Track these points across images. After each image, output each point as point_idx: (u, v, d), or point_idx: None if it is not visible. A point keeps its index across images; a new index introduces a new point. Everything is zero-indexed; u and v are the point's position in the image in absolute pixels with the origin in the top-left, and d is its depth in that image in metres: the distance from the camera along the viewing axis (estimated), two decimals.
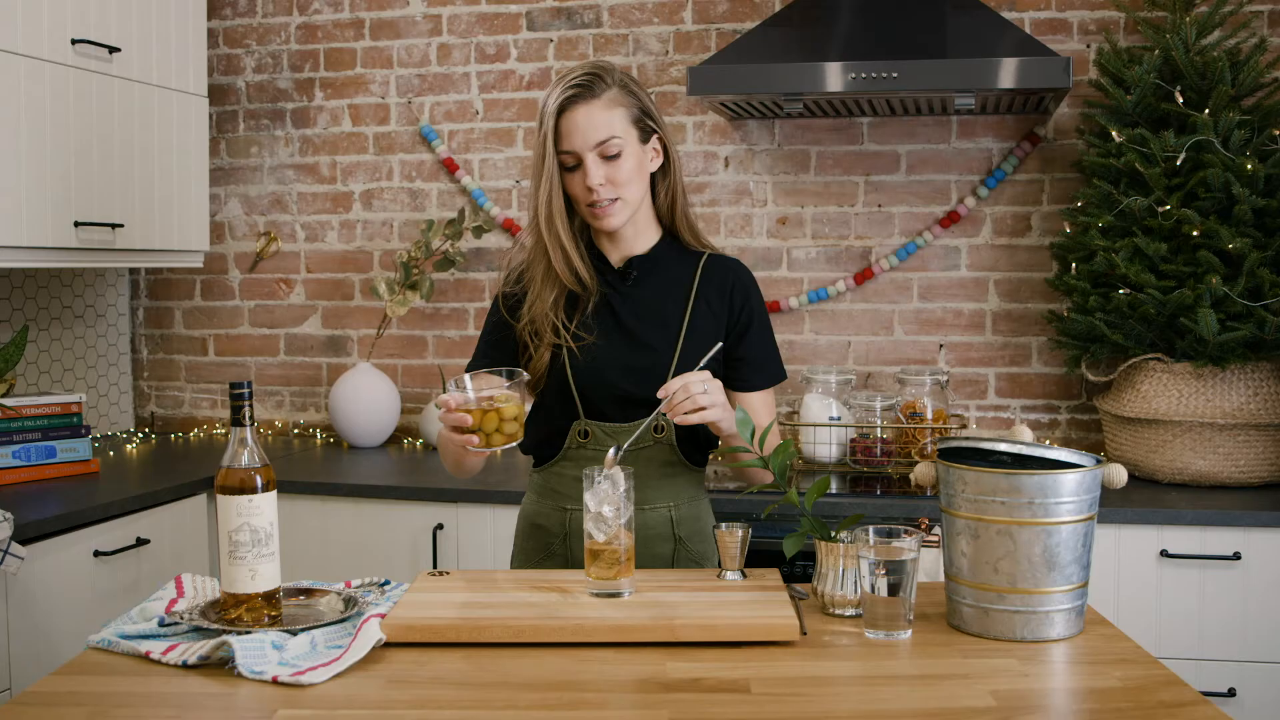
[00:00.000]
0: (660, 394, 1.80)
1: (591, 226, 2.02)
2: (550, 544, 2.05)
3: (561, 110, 1.91)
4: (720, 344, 1.94)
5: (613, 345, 1.99)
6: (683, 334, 2.00)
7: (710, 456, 2.11)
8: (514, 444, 1.79)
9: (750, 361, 2.04)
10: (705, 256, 2.06)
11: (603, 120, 1.91)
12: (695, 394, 1.79)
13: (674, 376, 1.94)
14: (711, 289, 2.03)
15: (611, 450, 1.80)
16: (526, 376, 1.78)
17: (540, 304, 1.98)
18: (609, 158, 1.92)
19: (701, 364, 1.88)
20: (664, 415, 1.86)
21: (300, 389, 3.78)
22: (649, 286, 2.02)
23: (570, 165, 1.93)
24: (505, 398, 1.75)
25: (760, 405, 2.05)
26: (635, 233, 2.03)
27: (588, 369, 1.98)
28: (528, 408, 2.03)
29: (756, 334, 2.05)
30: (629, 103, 1.94)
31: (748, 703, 1.39)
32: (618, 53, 3.49)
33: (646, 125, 1.97)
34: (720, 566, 1.85)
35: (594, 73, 1.93)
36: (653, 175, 2.02)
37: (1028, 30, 3.24)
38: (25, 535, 2.40)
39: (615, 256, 2.04)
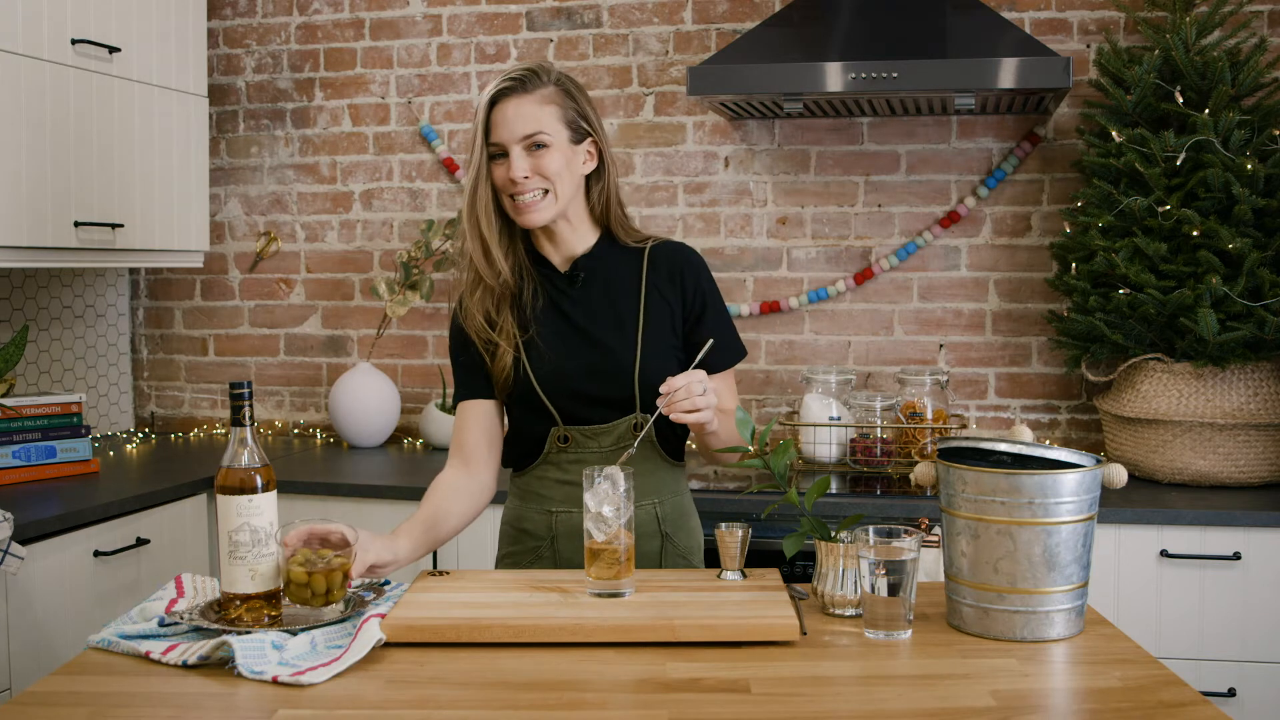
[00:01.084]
0: (663, 389, 1.81)
1: (530, 231, 2.02)
2: (538, 548, 2.05)
3: (494, 103, 1.94)
4: (712, 341, 1.94)
5: (572, 349, 1.99)
6: (640, 330, 1.99)
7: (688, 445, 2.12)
8: (299, 606, 1.65)
9: (714, 343, 2.03)
10: (649, 247, 2.06)
11: (531, 114, 1.92)
12: (695, 395, 1.80)
13: (639, 373, 1.96)
14: (660, 278, 2.03)
15: (627, 453, 1.86)
16: (349, 554, 1.70)
17: (478, 302, 2.00)
18: (534, 152, 1.93)
19: (695, 362, 1.89)
20: (646, 415, 1.87)
21: (300, 389, 3.78)
22: (598, 286, 2.02)
23: (497, 158, 1.95)
24: (301, 558, 1.65)
25: (723, 387, 2.04)
26: (572, 232, 2.03)
27: (552, 375, 1.98)
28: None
29: (712, 315, 2.05)
30: (563, 103, 1.95)
31: (748, 703, 1.39)
32: (618, 53, 3.49)
33: (580, 127, 1.97)
34: (718, 565, 1.85)
35: (531, 69, 1.95)
36: (588, 178, 2.02)
37: (1028, 30, 3.24)
38: (25, 535, 2.40)
39: (558, 259, 2.04)
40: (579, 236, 2.04)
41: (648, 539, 2.02)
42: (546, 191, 1.94)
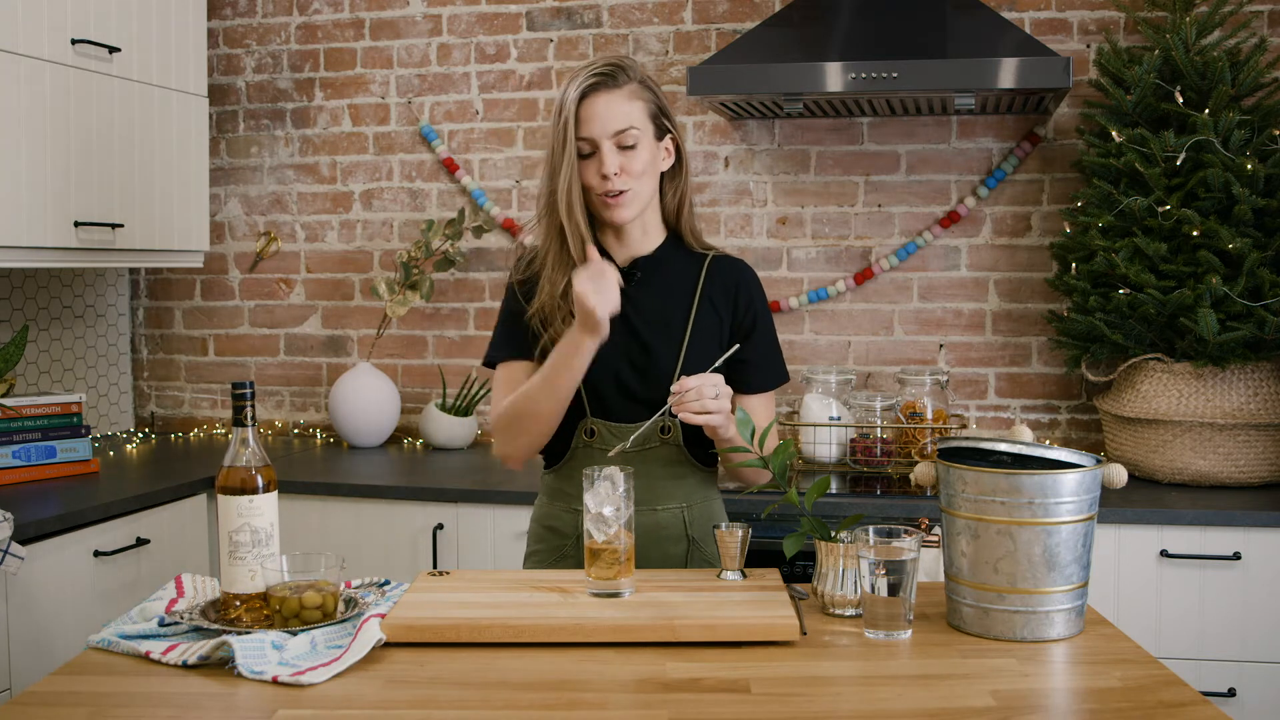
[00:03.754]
0: (674, 388, 1.81)
1: (596, 227, 2.02)
2: (563, 546, 2.05)
3: (583, 97, 1.92)
4: (737, 345, 1.94)
5: (619, 344, 1.98)
6: (687, 337, 2.00)
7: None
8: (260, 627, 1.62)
9: (754, 364, 2.04)
10: (710, 258, 2.07)
11: (622, 110, 1.92)
12: (706, 396, 1.80)
13: (678, 379, 1.94)
14: (716, 290, 2.04)
15: (618, 447, 1.84)
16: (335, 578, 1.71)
17: (551, 290, 1.97)
18: (625, 148, 1.92)
19: (717, 364, 1.89)
20: (670, 414, 1.87)
21: (300, 389, 3.78)
22: (653, 288, 2.02)
23: (586, 154, 1.94)
24: (291, 587, 1.64)
25: (761, 407, 2.05)
26: (643, 232, 2.03)
27: (597, 368, 1.97)
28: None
29: (760, 336, 2.06)
30: (648, 98, 1.96)
31: (748, 703, 1.39)
32: (617, 53, 3.49)
33: (662, 123, 1.98)
34: (720, 566, 1.85)
35: (617, 64, 1.95)
36: (662, 175, 2.02)
37: (1028, 30, 3.24)
38: (25, 535, 2.40)
39: (621, 257, 2.04)
40: (647, 237, 2.04)
41: (673, 543, 2.02)
42: (634, 188, 1.94)
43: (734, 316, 2.04)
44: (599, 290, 1.82)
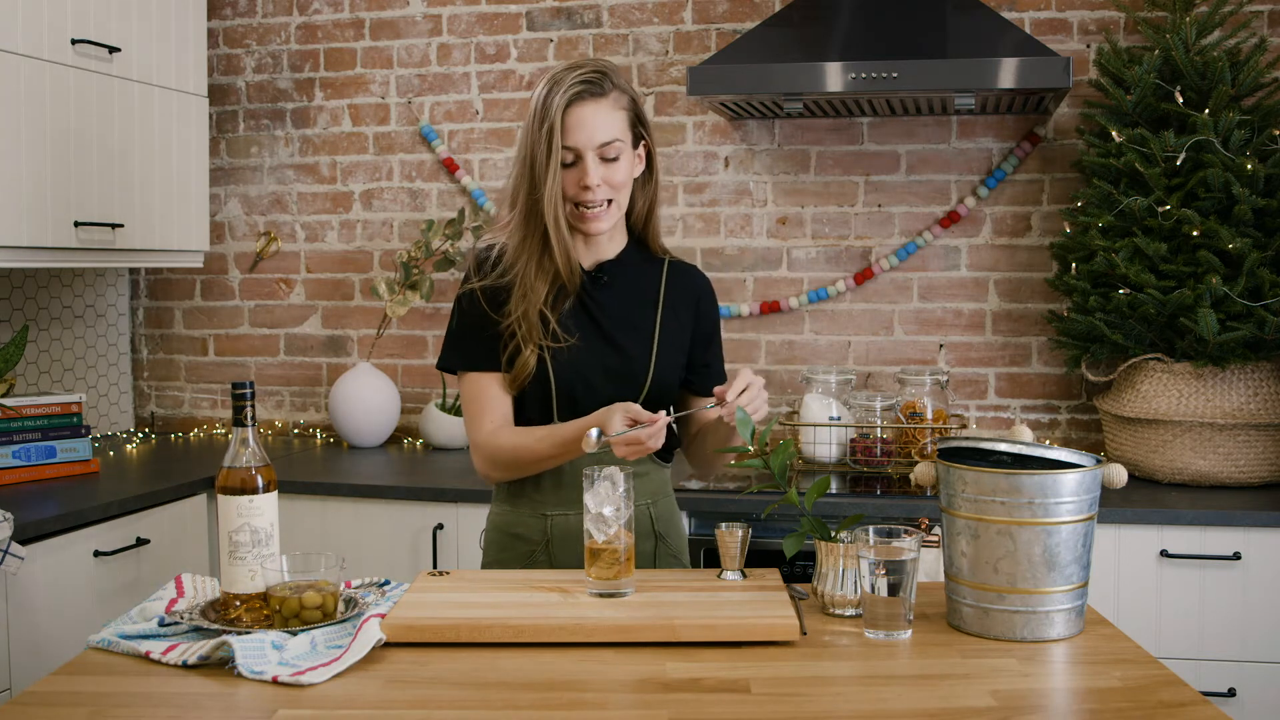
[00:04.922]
0: (739, 384, 1.76)
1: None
2: (531, 553, 2.03)
3: (569, 105, 1.88)
4: (714, 404, 1.95)
5: (592, 348, 1.99)
6: (656, 339, 2.01)
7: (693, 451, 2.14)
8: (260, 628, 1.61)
9: (714, 368, 2.09)
10: (667, 263, 2.08)
11: (608, 121, 1.90)
12: (756, 398, 1.77)
13: (651, 379, 1.99)
14: (677, 295, 2.06)
15: (592, 432, 1.78)
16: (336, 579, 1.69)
17: (534, 298, 1.94)
18: (608, 159, 1.91)
19: (693, 410, 1.98)
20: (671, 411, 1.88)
21: (300, 389, 3.78)
22: (619, 291, 2.03)
23: (567, 162, 1.91)
24: (291, 587, 1.63)
25: None
26: (609, 237, 2.03)
27: (571, 372, 1.97)
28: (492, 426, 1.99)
29: (716, 343, 2.11)
30: (628, 106, 1.95)
31: (748, 703, 1.39)
32: (618, 53, 3.49)
33: (639, 131, 1.97)
34: (706, 564, 1.85)
35: (601, 71, 1.92)
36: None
37: (1028, 30, 3.24)
38: (25, 535, 2.40)
39: (587, 261, 2.03)
40: (613, 241, 2.04)
41: (642, 539, 2.03)
42: (611, 200, 1.93)
43: (695, 323, 2.07)
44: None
